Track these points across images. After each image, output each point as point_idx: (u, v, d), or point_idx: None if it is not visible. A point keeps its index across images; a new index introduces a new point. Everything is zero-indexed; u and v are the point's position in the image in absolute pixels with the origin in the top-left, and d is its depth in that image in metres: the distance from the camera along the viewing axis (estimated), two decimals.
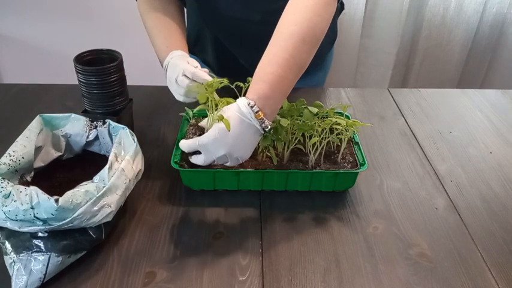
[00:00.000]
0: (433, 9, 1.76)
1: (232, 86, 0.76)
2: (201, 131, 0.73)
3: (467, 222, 0.78)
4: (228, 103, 0.74)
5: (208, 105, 0.76)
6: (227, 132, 0.68)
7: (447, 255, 0.71)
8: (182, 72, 0.80)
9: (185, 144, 0.72)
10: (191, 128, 0.74)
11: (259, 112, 0.69)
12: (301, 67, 0.77)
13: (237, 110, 0.70)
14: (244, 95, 0.72)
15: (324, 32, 0.79)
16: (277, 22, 0.77)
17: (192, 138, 0.73)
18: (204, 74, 0.79)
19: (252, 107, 0.69)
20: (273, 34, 0.76)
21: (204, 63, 1.17)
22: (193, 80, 0.79)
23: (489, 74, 1.95)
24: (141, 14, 0.97)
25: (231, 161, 0.72)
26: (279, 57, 0.73)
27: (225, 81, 0.74)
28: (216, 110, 0.73)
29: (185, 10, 1.07)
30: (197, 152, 0.73)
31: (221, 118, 0.68)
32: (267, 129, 0.71)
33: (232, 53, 1.08)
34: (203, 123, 0.74)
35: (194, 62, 0.84)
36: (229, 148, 0.70)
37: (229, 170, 0.79)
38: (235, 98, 0.73)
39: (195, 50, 1.16)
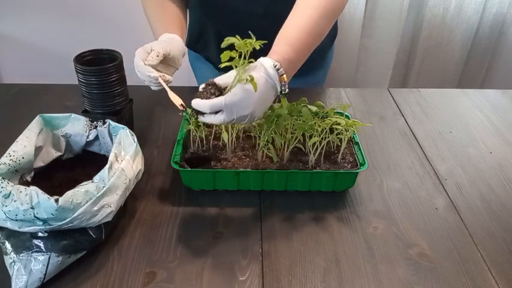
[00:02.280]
0: (433, 9, 1.76)
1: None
2: (220, 91, 0.71)
3: (467, 222, 0.78)
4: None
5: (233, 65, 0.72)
6: (253, 92, 0.68)
7: (447, 255, 0.71)
8: (151, 47, 0.81)
9: (207, 104, 0.68)
10: (209, 87, 0.70)
11: (284, 75, 0.71)
12: (321, 37, 0.80)
13: (264, 71, 0.70)
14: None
15: (343, 7, 0.83)
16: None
17: (210, 98, 0.69)
18: (153, 59, 0.79)
19: (278, 69, 0.70)
20: (297, 1, 0.79)
21: (207, 60, 1.17)
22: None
23: (489, 74, 1.95)
24: (142, 2, 0.99)
25: (248, 120, 0.72)
26: (306, 22, 0.75)
27: (257, 44, 0.69)
28: (241, 69, 0.70)
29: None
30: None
31: (252, 79, 0.67)
32: (284, 92, 0.73)
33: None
34: (221, 80, 0.71)
35: (172, 50, 0.83)
36: (253, 108, 0.69)
37: (229, 170, 0.79)
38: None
39: (197, 47, 1.17)
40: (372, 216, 0.79)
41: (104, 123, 0.79)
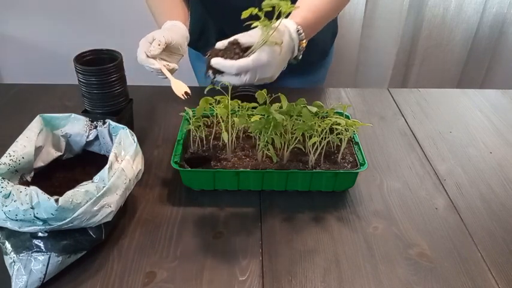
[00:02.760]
0: (433, 9, 1.76)
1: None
2: (243, 50, 0.69)
3: (467, 222, 0.78)
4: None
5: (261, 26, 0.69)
6: (278, 55, 0.68)
7: (447, 255, 0.71)
8: (152, 36, 0.82)
9: (235, 66, 0.67)
10: (233, 46, 0.69)
11: (304, 41, 0.72)
12: (338, 10, 0.85)
13: (289, 35, 0.71)
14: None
15: None
16: None
17: (234, 58, 0.68)
18: (155, 48, 0.80)
19: (300, 34, 0.72)
20: None
21: None
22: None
23: (489, 74, 1.95)
24: None
25: (265, 81, 0.72)
26: None
27: (291, 7, 0.66)
28: (269, 30, 0.68)
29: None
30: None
31: (281, 43, 0.67)
32: (298, 58, 0.75)
33: None
34: (244, 39, 0.69)
35: (175, 37, 0.84)
36: (274, 70, 0.70)
37: (229, 170, 0.79)
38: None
39: (198, 45, 1.17)
40: (372, 216, 0.79)
41: (104, 123, 0.79)
